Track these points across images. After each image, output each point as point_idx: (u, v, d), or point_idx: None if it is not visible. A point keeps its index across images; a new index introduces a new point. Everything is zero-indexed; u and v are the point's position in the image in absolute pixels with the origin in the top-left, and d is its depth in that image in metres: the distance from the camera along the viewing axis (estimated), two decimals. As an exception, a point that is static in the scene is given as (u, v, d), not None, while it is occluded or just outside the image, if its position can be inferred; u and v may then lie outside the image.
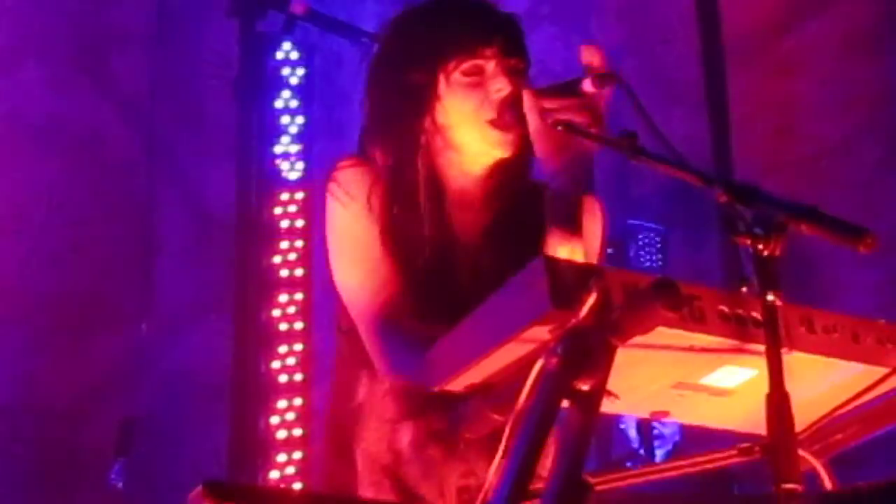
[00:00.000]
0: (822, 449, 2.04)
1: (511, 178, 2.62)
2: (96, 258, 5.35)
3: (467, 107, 2.54)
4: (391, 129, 2.60)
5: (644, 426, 5.31)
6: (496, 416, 1.89)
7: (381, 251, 2.51)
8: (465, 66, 2.55)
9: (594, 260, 2.58)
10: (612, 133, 2.36)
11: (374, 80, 2.67)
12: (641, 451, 5.40)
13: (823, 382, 1.97)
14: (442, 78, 2.56)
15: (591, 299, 1.72)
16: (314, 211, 5.02)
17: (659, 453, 5.40)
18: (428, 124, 2.57)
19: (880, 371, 1.96)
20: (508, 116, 2.51)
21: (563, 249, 2.41)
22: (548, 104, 2.39)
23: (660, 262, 6.14)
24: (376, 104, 2.65)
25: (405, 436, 2.46)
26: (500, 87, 2.53)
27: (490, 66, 2.55)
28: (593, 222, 2.58)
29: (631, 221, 6.15)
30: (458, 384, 1.91)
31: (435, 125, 2.57)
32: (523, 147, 2.54)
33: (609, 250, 6.07)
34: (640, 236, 6.14)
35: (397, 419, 2.47)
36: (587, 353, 1.73)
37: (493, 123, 2.53)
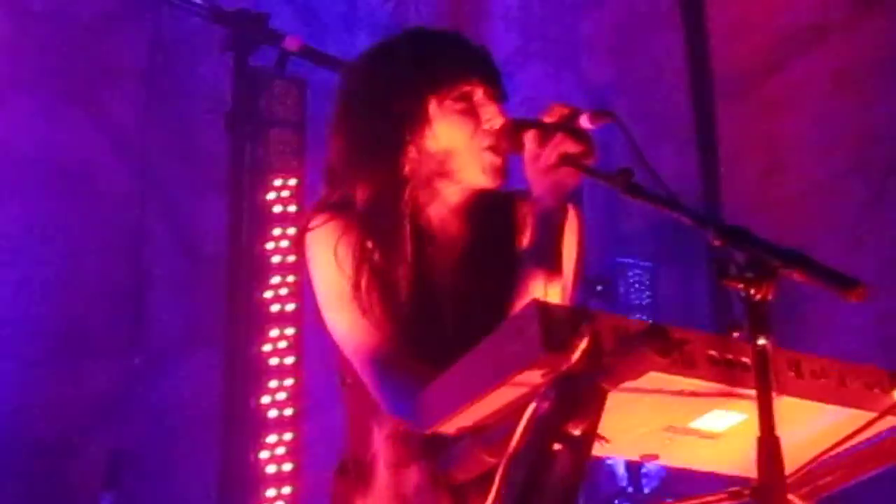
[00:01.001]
0: (810, 492, 2.06)
1: (486, 210, 2.64)
2: (87, 290, 5.35)
3: (462, 133, 2.57)
4: (376, 160, 2.58)
5: (632, 464, 5.30)
6: (488, 458, 1.90)
7: (365, 296, 2.50)
8: (455, 92, 2.58)
9: (570, 270, 2.58)
10: (604, 168, 2.39)
11: (353, 113, 2.64)
12: (630, 489, 5.40)
13: (811, 426, 1.99)
14: (433, 104, 2.57)
15: (583, 344, 1.74)
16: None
17: (645, 491, 5.40)
18: (414, 153, 2.57)
19: (868, 415, 1.98)
20: (505, 144, 2.54)
21: (539, 278, 2.43)
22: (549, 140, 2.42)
23: (649, 299, 6.16)
24: (355, 136, 2.61)
25: (411, 480, 2.44)
26: (492, 115, 2.57)
27: (478, 93, 2.59)
28: (569, 230, 2.58)
29: (620, 259, 6.18)
30: (449, 427, 1.93)
31: (422, 153, 2.57)
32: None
33: (598, 287, 6.10)
34: (630, 273, 6.16)
35: (403, 463, 2.45)
36: (578, 397, 1.75)
37: (492, 149, 2.56)
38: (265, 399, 4.83)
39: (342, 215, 2.57)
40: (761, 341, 1.81)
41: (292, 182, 5.19)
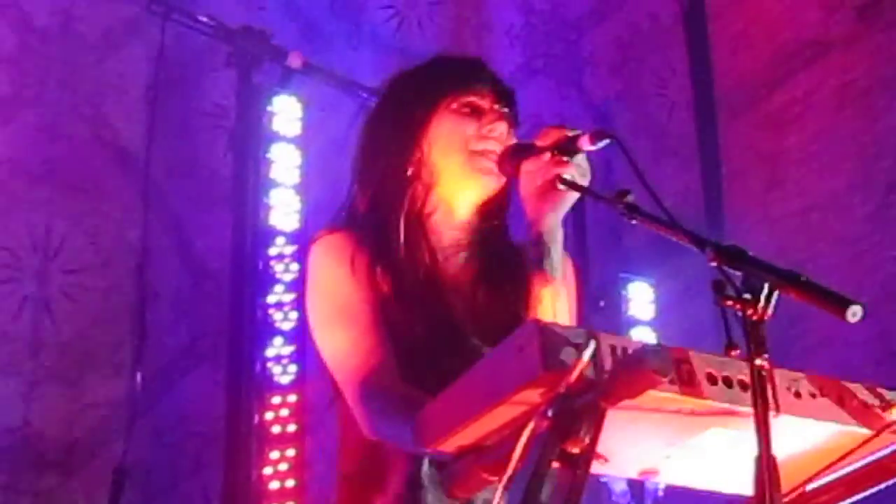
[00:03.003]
0: (808, 510, 2.07)
1: (493, 227, 2.65)
2: (91, 306, 5.36)
3: (457, 136, 2.59)
4: (380, 161, 2.62)
5: (634, 481, 5.30)
6: (488, 476, 1.91)
7: (370, 315, 2.48)
8: (463, 99, 2.61)
9: (573, 316, 2.60)
10: (607, 186, 2.41)
11: (368, 124, 2.71)
12: (632, 506, 5.41)
13: (810, 444, 1.99)
14: (442, 107, 2.61)
15: (582, 363, 1.75)
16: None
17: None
18: (418, 155, 2.60)
19: (865, 433, 1.98)
20: (495, 149, 2.57)
21: (546, 291, 2.45)
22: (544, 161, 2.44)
23: (651, 314, 6.17)
24: (366, 143, 2.68)
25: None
26: (493, 124, 2.59)
27: (485, 103, 2.62)
28: (567, 281, 2.61)
29: (623, 274, 6.19)
30: (449, 445, 1.93)
31: (425, 155, 2.60)
32: (503, 193, 2.60)
33: (601, 303, 6.11)
34: (632, 288, 6.17)
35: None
36: (577, 416, 1.76)
37: (486, 154, 2.57)
38: (268, 415, 4.84)
39: (355, 230, 2.59)
40: (759, 361, 1.82)
41: (295, 198, 5.20)
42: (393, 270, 2.53)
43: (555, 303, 2.45)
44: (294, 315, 4.97)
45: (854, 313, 1.82)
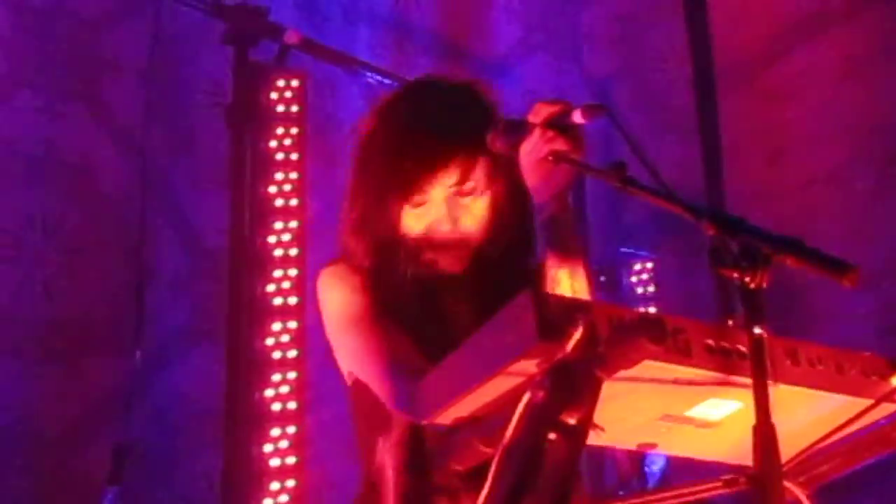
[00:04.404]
0: (807, 480, 2.06)
1: (497, 257, 2.67)
2: (90, 285, 5.34)
3: (418, 230, 2.65)
4: (372, 225, 2.67)
5: (635, 455, 5.30)
6: (485, 448, 1.90)
7: (385, 322, 2.56)
8: (415, 199, 2.63)
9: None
10: (603, 162, 2.40)
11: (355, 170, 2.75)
12: (634, 479, 5.40)
13: (808, 413, 1.99)
14: (403, 210, 2.65)
15: (578, 333, 1.74)
16: (308, 240, 5.02)
17: (649, 481, 5.40)
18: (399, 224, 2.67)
19: (864, 402, 1.97)
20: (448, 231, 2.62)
21: (563, 272, 2.46)
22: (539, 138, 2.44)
23: (652, 290, 6.16)
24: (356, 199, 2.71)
25: (415, 484, 2.48)
26: (441, 219, 2.63)
27: (437, 193, 2.63)
28: None
29: (623, 249, 6.18)
30: (446, 417, 1.93)
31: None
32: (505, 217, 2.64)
33: (602, 278, 6.10)
34: (633, 263, 6.17)
35: (404, 469, 2.48)
36: (573, 386, 1.75)
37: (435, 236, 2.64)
38: (268, 392, 4.83)
39: (354, 262, 2.68)
40: (757, 329, 1.81)
41: (293, 175, 5.18)
42: (394, 305, 2.60)
43: (573, 283, 2.47)
44: (294, 292, 4.95)
45: (851, 278, 1.81)
